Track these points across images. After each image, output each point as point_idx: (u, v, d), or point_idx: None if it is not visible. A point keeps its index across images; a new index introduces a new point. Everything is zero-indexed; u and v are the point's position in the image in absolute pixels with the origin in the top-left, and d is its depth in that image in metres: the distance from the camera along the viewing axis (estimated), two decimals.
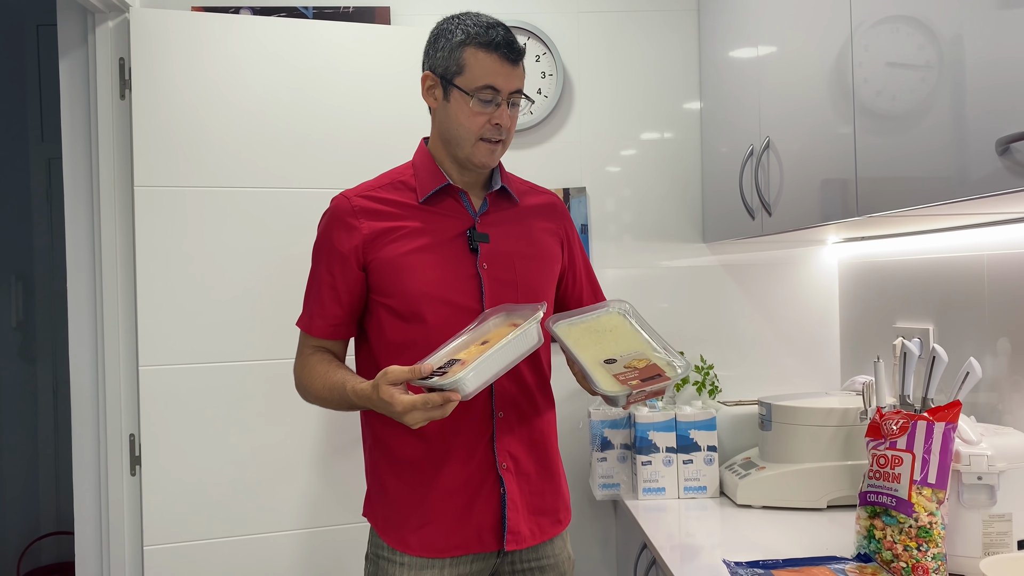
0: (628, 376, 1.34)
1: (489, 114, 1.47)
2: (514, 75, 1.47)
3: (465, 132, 1.48)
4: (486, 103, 1.46)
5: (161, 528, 2.14)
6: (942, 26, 1.23)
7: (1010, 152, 1.05)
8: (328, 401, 1.51)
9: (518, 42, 1.48)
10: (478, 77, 1.45)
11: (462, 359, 1.31)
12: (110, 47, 2.18)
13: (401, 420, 1.31)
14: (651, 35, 2.52)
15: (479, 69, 1.45)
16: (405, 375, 1.32)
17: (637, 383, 1.33)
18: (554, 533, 1.60)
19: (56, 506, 3.64)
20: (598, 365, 1.38)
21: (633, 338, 1.44)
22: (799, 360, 2.53)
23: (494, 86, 1.45)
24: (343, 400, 1.46)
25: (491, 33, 1.45)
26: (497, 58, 1.45)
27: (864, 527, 1.53)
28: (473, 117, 1.47)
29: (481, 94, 1.45)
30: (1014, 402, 1.70)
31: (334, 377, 1.48)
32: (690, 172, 2.53)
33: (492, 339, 1.35)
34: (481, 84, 1.45)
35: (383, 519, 1.55)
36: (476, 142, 1.49)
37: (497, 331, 1.39)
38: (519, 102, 1.51)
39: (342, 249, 1.51)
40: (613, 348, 1.42)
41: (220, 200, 2.19)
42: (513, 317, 1.41)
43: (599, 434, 2.22)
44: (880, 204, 1.43)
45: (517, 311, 1.43)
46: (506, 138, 1.51)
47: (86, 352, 2.21)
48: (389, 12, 2.45)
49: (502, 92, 1.46)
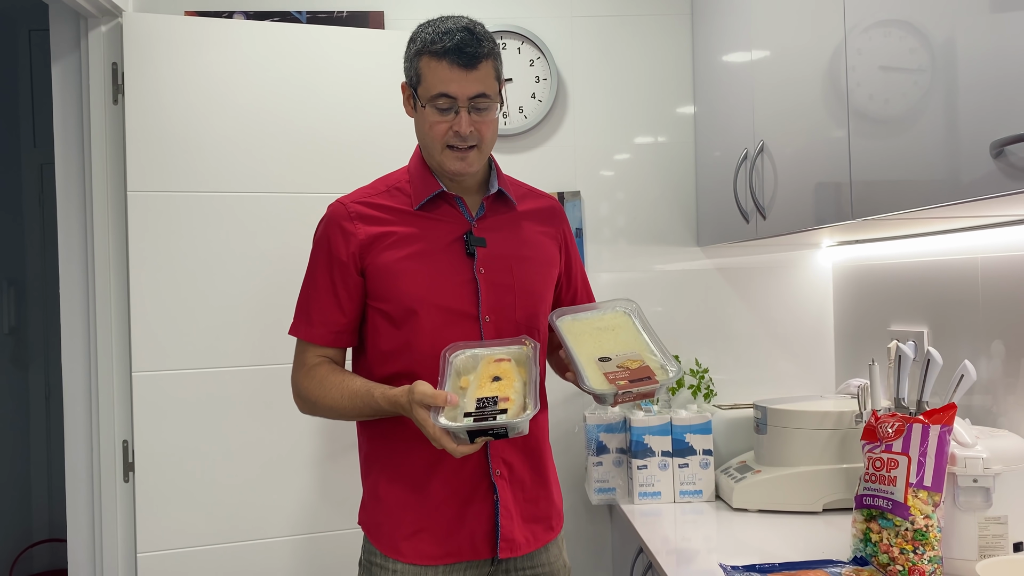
0: (618, 375, 1.34)
1: (449, 122, 1.45)
2: (468, 80, 1.43)
3: (431, 141, 1.48)
4: (444, 111, 1.45)
5: (155, 535, 2.13)
6: (934, 30, 1.23)
7: (1004, 155, 1.05)
8: (344, 410, 1.48)
9: (473, 46, 1.43)
10: (432, 86, 1.44)
11: (505, 397, 1.30)
12: (103, 52, 2.18)
13: (425, 433, 1.32)
14: (645, 39, 2.53)
15: (432, 78, 1.44)
16: (434, 401, 1.31)
17: (625, 383, 1.33)
18: (547, 540, 1.59)
19: (49, 513, 3.62)
20: (592, 362, 1.39)
21: (633, 339, 1.45)
22: (794, 363, 2.53)
23: (447, 93, 1.43)
24: (367, 407, 1.45)
25: (443, 40, 1.42)
26: (447, 65, 1.43)
27: (860, 530, 1.53)
28: (434, 126, 1.46)
29: (436, 103, 1.45)
30: (1008, 404, 1.70)
31: (353, 385, 1.47)
32: (684, 176, 2.54)
33: (503, 375, 1.35)
34: (435, 92, 1.44)
35: (376, 526, 1.54)
36: (443, 150, 1.48)
37: (492, 367, 1.38)
38: (486, 106, 1.46)
39: (341, 255, 1.50)
40: (611, 347, 1.42)
41: (213, 205, 2.18)
42: (494, 352, 1.42)
43: (595, 438, 2.22)
44: (874, 207, 1.43)
45: (485, 345, 1.44)
46: (480, 144, 1.48)
47: (79, 358, 2.20)
48: (383, 16, 2.45)
49: (458, 99, 1.44)
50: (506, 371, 1.37)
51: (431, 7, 2.42)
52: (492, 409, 1.28)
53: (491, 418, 1.26)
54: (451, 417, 1.30)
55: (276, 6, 2.43)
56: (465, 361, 1.41)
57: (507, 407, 1.28)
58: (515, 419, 1.25)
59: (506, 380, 1.34)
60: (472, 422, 1.26)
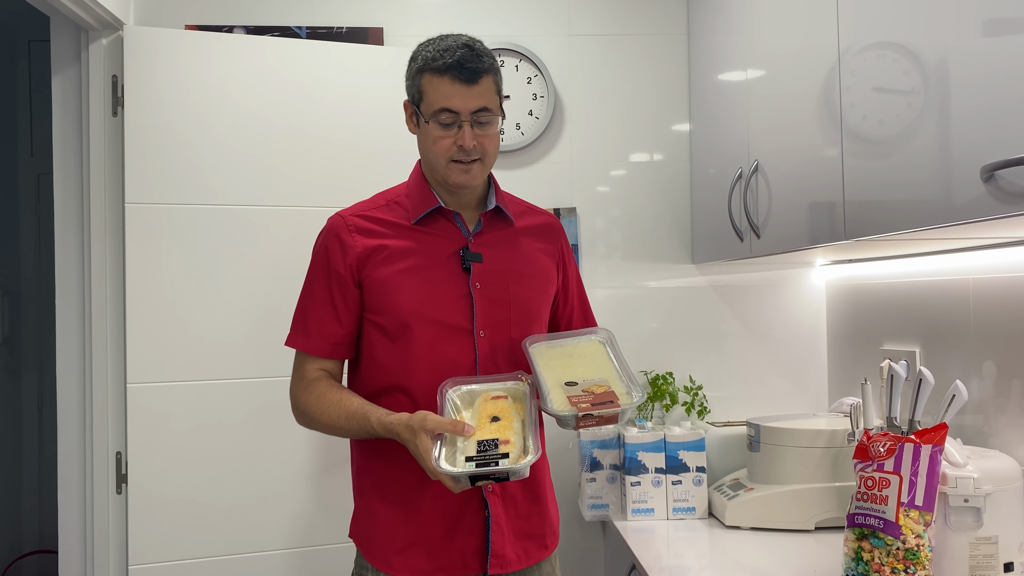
0: (582, 399, 1.35)
1: (452, 136, 1.47)
2: (471, 95, 1.45)
3: (435, 156, 1.50)
4: (447, 126, 1.47)
5: (147, 548, 2.12)
6: (928, 52, 1.25)
7: (995, 179, 1.06)
8: (340, 429, 1.49)
9: (474, 62, 1.45)
10: (434, 102, 1.46)
11: (505, 439, 1.31)
12: (103, 64, 2.19)
13: (423, 467, 1.32)
14: (641, 58, 2.55)
15: (434, 94, 1.46)
16: (446, 429, 1.31)
17: (588, 406, 1.33)
18: (540, 558, 1.58)
19: (39, 524, 3.60)
20: (558, 386, 1.39)
21: (604, 366, 1.45)
22: (787, 381, 2.54)
23: (450, 108, 1.45)
24: (362, 430, 1.45)
25: (444, 56, 1.45)
26: (448, 80, 1.45)
27: (852, 549, 1.53)
28: (437, 141, 1.48)
29: (439, 118, 1.46)
30: (999, 425, 1.71)
31: (350, 405, 1.47)
32: (679, 193, 2.55)
33: (502, 415, 1.36)
34: (437, 108, 1.46)
35: (368, 540, 1.54)
36: (448, 164, 1.49)
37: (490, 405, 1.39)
38: (488, 120, 1.48)
39: (338, 267, 1.51)
40: (580, 372, 1.43)
41: (211, 218, 2.19)
42: (491, 388, 1.43)
43: (588, 454, 2.22)
44: (868, 228, 1.44)
45: (481, 381, 1.44)
46: (483, 157, 1.50)
47: (73, 368, 2.20)
48: (382, 33, 2.47)
49: (461, 114, 1.46)
50: (504, 410, 1.37)
51: (430, 24, 2.45)
52: (494, 454, 1.28)
53: (493, 463, 1.27)
54: (450, 455, 1.31)
55: (276, 21, 2.45)
56: (463, 397, 1.42)
57: (508, 450, 1.29)
58: (516, 465, 1.26)
59: (505, 420, 1.35)
60: (475, 467, 1.27)
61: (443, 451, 1.31)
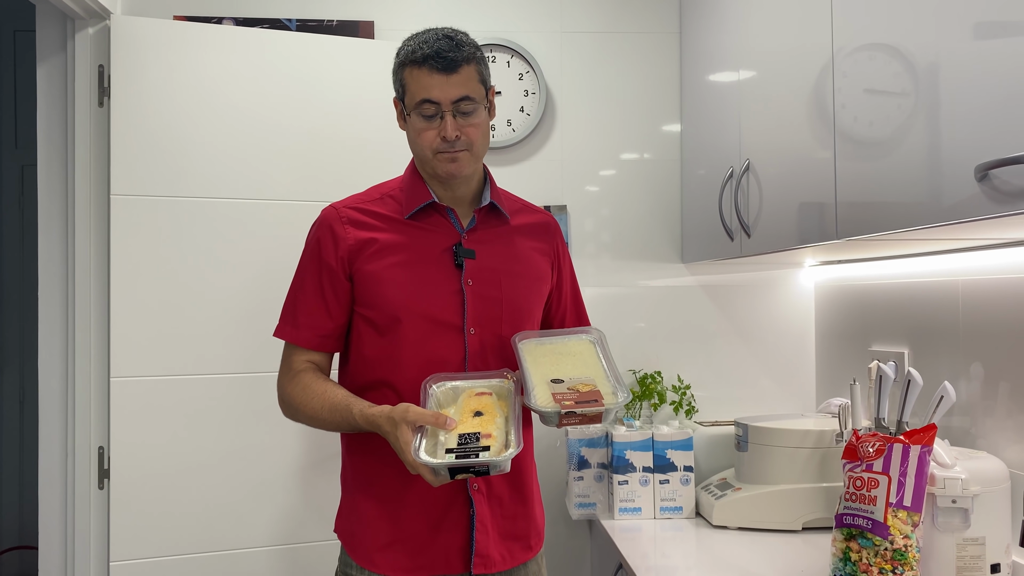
0: (566, 396, 1.34)
1: (435, 127, 1.46)
2: (449, 84, 1.44)
3: (420, 149, 1.49)
4: (429, 118, 1.46)
5: (129, 544, 2.10)
6: (918, 55, 1.25)
7: (989, 178, 1.06)
8: (324, 421, 1.47)
9: (452, 51, 1.44)
10: (415, 93, 1.46)
11: (487, 433, 1.30)
12: (89, 54, 2.16)
13: (401, 459, 1.31)
14: (633, 57, 2.55)
15: (415, 85, 1.46)
16: (428, 421, 1.30)
17: (571, 404, 1.33)
18: (524, 559, 1.57)
19: (20, 519, 3.56)
20: (543, 382, 1.38)
21: (591, 365, 1.44)
22: (775, 381, 2.54)
23: (430, 99, 1.45)
24: (344, 422, 1.43)
25: (423, 48, 1.44)
26: (427, 71, 1.44)
27: (840, 549, 1.53)
28: (421, 133, 1.48)
29: (421, 109, 1.46)
30: (987, 426, 1.71)
31: (334, 397, 1.46)
32: (670, 193, 2.55)
33: (485, 410, 1.35)
34: (418, 99, 1.45)
35: (351, 536, 1.53)
36: (435, 155, 1.48)
37: (473, 401, 1.38)
38: (471, 109, 1.47)
39: (330, 259, 1.50)
40: (567, 371, 1.42)
41: (198, 210, 2.17)
42: (475, 385, 1.42)
43: (576, 453, 2.21)
44: (858, 228, 1.44)
45: (466, 377, 1.43)
46: (470, 147, 1.48)
47: (56, 361, 2.17)
48: (373, 26, 2.45)
49: (442, 104, 1.45)
50: (487, 406, 1.36)
51: (422, 18, 2.44)
52: (475, 446, 1.27)
53: (473, 455, 1.26)
54: (431, 447, 1.29)
55: (266, 13, 2.43)
56: (446, 393, 1.41)
57: (489, 444, 1.28)
58: (497, 458, 1.25)
59: (488, 415, 1.34)
60: (454, 459, 1.25)
61: (423, 443, 1.29)
